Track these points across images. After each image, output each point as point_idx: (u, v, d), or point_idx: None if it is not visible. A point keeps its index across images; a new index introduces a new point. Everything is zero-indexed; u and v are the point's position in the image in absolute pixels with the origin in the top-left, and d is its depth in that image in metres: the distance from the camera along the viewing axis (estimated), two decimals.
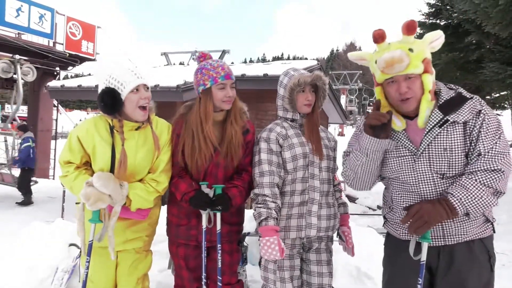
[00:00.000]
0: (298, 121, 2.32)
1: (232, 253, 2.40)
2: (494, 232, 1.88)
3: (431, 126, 1.78)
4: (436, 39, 1.82)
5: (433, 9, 14.47)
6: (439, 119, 1.76)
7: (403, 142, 1.86)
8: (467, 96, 1.80)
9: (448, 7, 13.28)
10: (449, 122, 1.75)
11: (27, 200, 9.07)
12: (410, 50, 1.75)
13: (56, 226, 4.04)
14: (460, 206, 1.66)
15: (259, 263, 2.34)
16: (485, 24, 8.54)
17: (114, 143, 2.16)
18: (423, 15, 14.57)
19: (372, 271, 3.49)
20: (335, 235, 2.41)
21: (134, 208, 2.16)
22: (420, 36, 2.09)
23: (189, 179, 2.28)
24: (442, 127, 1.76)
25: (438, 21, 14.11)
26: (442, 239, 1.80)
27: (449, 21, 12.28)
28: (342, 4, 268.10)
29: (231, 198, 2.20)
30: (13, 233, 4.22)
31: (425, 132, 1.79)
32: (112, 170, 2.16)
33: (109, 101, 2.09)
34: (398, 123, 1.86)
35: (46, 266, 3.51)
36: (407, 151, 1.85)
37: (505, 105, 17.25)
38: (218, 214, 2.24)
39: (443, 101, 1.80)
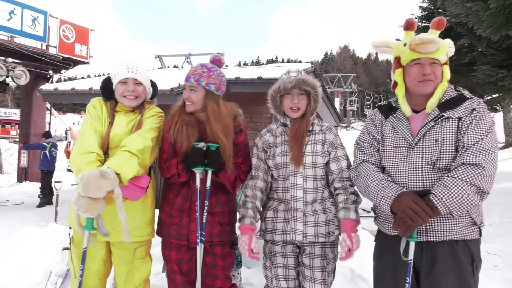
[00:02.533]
0: (289, 126, 2.30)
1: (225, 256, 2.40)
2: (480, 236, 1.88)
3: (427, 121, 1.87)
4: (451, 46, 1.98)
5: (426, 12, 14.64)
6: (435, 114, 1.86)
7: (404, 133, 1.94)
8: (468, 96, 1.88)
9: (440, 10, 13.42)
10: (444, 117, 1.84)
11: (47, 200, 9.59)
12: None
13: (50, 230, 4.02)
14: (441, 205, 1.69)
15: (263, 261, 2.37)
16: (477, 27, 8.61)
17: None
18: (416, 18, 14.69)
19: (366, 273, 3.49)
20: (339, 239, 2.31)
21: (126, 180, 2.07)
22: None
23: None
24: (437, 121, 1.85)
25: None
26: (425, 235, 1.83)
27: None
28: (336, 8, 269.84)
29: (225, 161, 2.26)
30: (6, 237, 4.19)
31: (422, 126, 1.88)
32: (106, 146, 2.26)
33: (102, 86, 2.38)
34: (407, 108, 1.97)
35: (40, 270, 3.49)
36: (405, 142, 1.93)
37: (497, 108, 17.44)
38: (209, 172, 2.27)
39: (443, 100, 1.89)
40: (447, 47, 1.94)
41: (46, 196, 9.64)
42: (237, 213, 2.54)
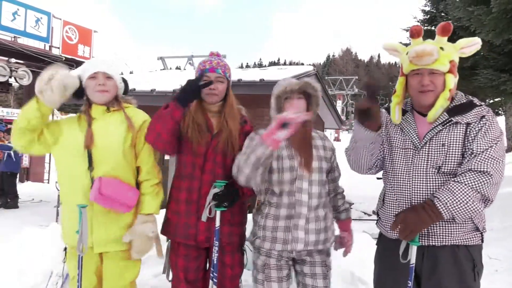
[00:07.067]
0: None
1: (233, 267, 2.33)
2: (482, 241, 1.88)
3: (435, 125, 1.86)
4: (469, 45, 1.92)
5: (428, 16, 14.62)
6: (444, 119, 1.85)
7: (410, 135, 1.94)
8: (477, 103, 1.87)
9: (442, 14, 13.43)
10: (452, 122, 1.83)
11: (13, 204, 9.19)
12: (441, 48, 1.85)
13: (51, 230, 4.03)
14: (445, 210, 1.69)
15: (252, 274, 2.27)
16: (479, 31, 8.59)
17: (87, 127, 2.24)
18: (418, 21, 14.69)
19: (366, 276, 3.49)
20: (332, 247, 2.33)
21: (146, 211, 2.29)
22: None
23: None
24: (445, 126, 1.84)
25: (433, 28, 14.24)
26: (426, 239, 1.83)
27: None
28: (338, 11, 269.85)
29: (239, 188, 2.20)
30: (6, 237, 4.20)
31: (429, 129, 1.87)
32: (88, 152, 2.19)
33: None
34: (396, 116, 2.00)
35: (40, 271, 3.50)
36: (411, 144, 1.93)
37: (499, 112, 17.42)
38: (218, 212, 2.18)
39: (453, 105, 1.88)
40: (459, 50, 1.91)
41: (16, 199, 9.31)
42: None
